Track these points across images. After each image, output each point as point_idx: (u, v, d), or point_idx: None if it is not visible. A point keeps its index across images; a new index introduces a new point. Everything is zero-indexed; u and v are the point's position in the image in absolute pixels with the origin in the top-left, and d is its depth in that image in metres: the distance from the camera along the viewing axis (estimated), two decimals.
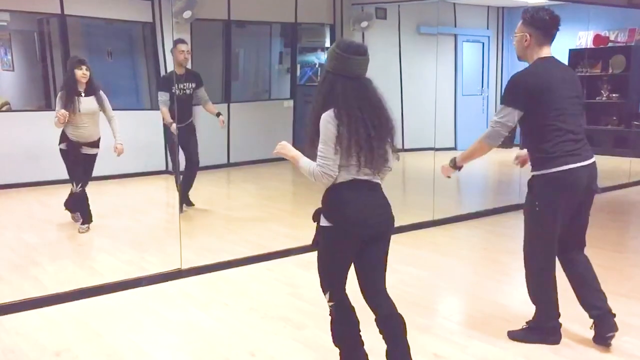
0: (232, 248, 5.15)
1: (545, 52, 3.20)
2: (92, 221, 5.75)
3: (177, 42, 6.32)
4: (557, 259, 3.36)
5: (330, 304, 2.78)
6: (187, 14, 8.16)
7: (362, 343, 2.87)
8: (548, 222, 3.21)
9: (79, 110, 5.41)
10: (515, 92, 3.14)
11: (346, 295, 2.81)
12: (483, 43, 11.56)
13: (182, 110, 6.15)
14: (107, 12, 8.44)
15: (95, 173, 5.72)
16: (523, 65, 3.29)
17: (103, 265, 4.79)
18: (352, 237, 2.65)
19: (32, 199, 6.49)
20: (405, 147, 10.41)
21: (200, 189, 8.01)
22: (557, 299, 3.36)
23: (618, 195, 7.47)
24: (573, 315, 3.50)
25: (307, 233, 5.28)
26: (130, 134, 6.48)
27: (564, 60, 9.80)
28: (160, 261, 4.79)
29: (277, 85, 11.09)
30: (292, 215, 6.69)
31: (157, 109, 8.88)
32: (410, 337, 2.75)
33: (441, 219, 6.11)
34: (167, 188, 6.52)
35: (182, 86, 6.18)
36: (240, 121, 9.30)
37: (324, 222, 2.66)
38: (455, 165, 3.43)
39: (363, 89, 2.63)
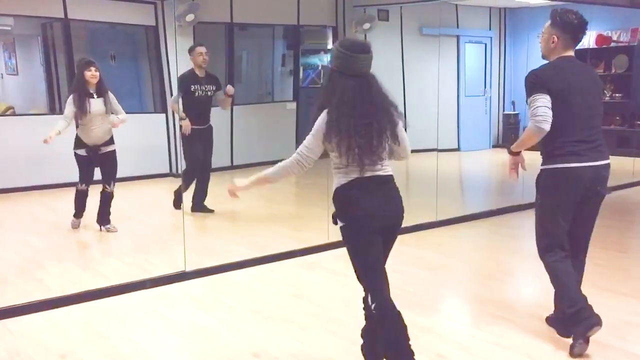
0: (236, 250, 5.17)
1: (569, 53, 3.27)
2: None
3: (195, 46, 6.38)
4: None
5: (373, 304, 2.68)
6: (190, 17, 8.18)
7: (413, 353, 2.71)
8: (549, 216, 3.29)
9: (90, 112, 5.40)
10: (538, 83, 3.16)
11: (389, 297, 2.71)
12: (485, 44, 11.57)
13: (203, 111, 6.22)
14: (111, 16, 8.49)
15: (98, 176, 5.74)
16: (526, 66, 3.28)
17: (107, 268, 4.81)
18: (367, 229, 2.67)
19: (37, 202, 6.51)
20: None
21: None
22: (573, 285, 3.25)
23: (621, 195, 7.46)
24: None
25: (310, 234, 5.34)
26: (134, 137, 6.52)
27: None
28: (164, 263, 4.81)
29: (279, 88, 11.11)
30: (295, 217, 6.70)
31: (161, 112, 8.92)
32: (413, 337, 2.75)
33: (445, 219, 6.10)
34: (171, 191, 6.53)
35: (203, 88, 6.24)
36: (243, 123, 9.32)
37: (339, 223, 2.72)
38: (512, 152, 3.42)
39: (366, 85, 2.68)
